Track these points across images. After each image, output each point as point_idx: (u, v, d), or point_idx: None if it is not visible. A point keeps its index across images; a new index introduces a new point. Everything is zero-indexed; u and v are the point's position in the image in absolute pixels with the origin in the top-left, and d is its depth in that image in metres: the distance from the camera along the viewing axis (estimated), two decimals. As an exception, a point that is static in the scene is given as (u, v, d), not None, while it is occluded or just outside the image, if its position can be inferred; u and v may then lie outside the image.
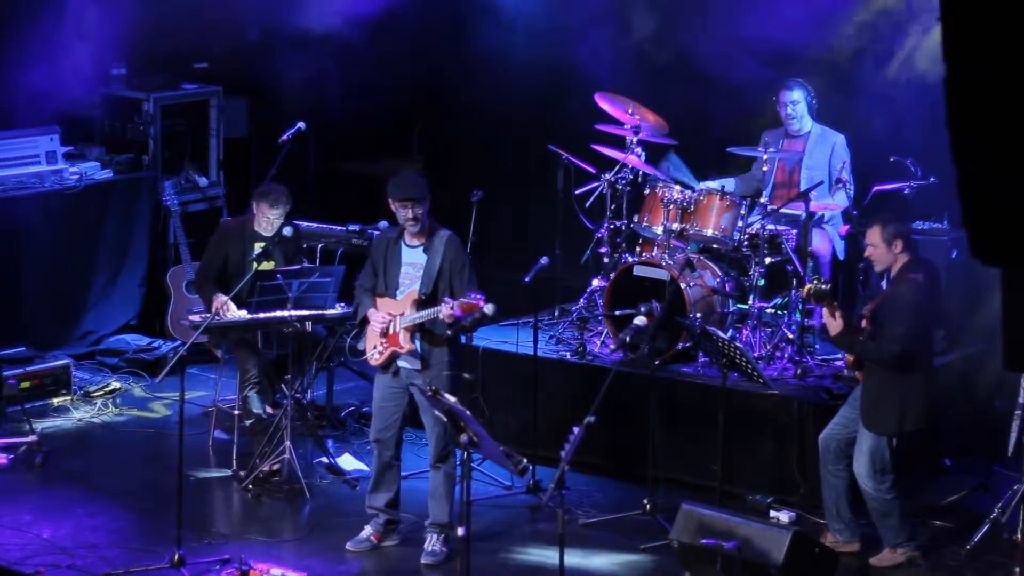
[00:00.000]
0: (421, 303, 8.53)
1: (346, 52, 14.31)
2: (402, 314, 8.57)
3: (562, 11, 12.51)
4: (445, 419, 7.51)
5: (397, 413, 8.74)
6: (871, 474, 8.48)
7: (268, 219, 9.74)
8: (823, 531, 8.84)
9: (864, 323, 8.39)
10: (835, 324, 8.39)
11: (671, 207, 10.23)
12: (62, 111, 11.76)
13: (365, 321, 8.73)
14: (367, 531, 8.84)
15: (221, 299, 9.39)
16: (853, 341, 8.41)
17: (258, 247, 9.62)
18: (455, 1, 13.13)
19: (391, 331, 8.61)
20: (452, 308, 8.32)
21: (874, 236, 8.49)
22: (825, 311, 8.43)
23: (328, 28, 13.95)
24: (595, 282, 10.70)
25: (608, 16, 12.30)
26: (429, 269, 8.56)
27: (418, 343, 8.57)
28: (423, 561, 8.62)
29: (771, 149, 10.38)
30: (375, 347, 8.69)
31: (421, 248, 8.61)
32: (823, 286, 8.35)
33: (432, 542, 8.66)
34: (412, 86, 14.27)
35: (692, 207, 10.21)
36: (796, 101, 10.55)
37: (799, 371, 9.83)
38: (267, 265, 9.61)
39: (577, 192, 10.95)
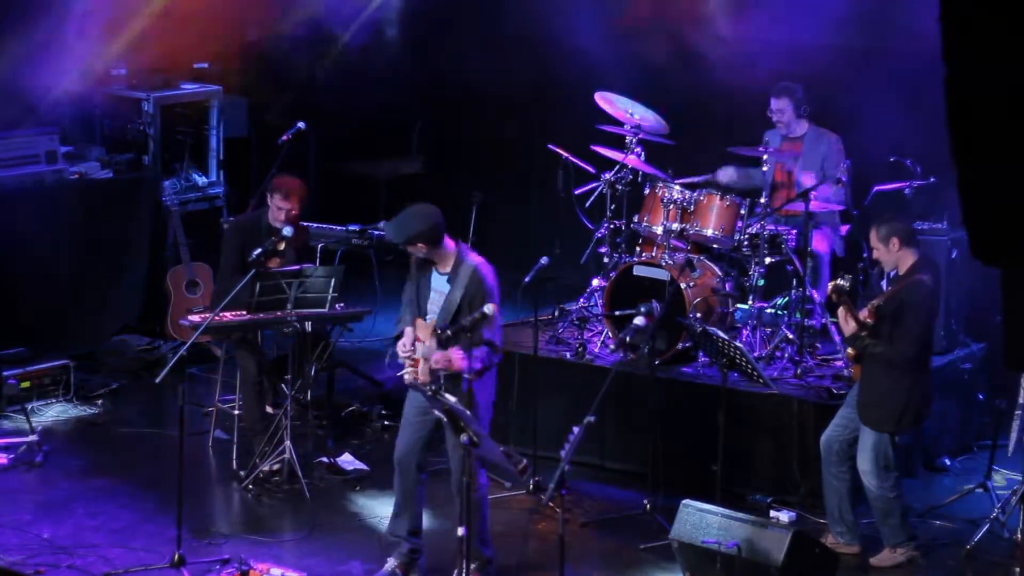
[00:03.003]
0: (443, 338, 8.02)
1: (346, 52, 14.32)
2: (425, 342, 8.19)
3: (563, 10, 12.51)
4: (445, 419, 7.50)
5: (421, 432, 8.27)
6: (875, 471, 8.48)
7: (282, 210, 9.74)
8: (824, 532, 8.84)
9: (867, 316, 8.39)
10: (848, 326, 8.39)
11: (671, 207, 10.23)
12: (62, 111, 11.75)
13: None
14: (391, 563, 8.42)
15: None
16: (868, 343, 8.39)
17: (272, 240, 9.62)
18: (455, 1, 13.14)
19: (414, 357, 8.24)
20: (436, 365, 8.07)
21: (872, 238, 8.57)
22: (841, 311, 8.42)
23: (328, 27, 13.96)
24: (595, 282, 10.70)
25: (609, 15, 12.31)
26: (449, 302, 8.13)
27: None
28: None
29: (771, 149, 10.38)
30: (408, 366, 8.30)
31: (446, 277, 8.18)
32: (844, 283, 8.32)
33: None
34: (412, 86, 14.27)
35: (692, 207, 10.22)
36: (782, 109, 10.56)
37: (799, 371, 9.83)
38: (275, 261, 9.62)
39: (577, 192, 10.95)
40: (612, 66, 12.26)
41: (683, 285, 9.89)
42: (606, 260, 10.70)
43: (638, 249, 10.58)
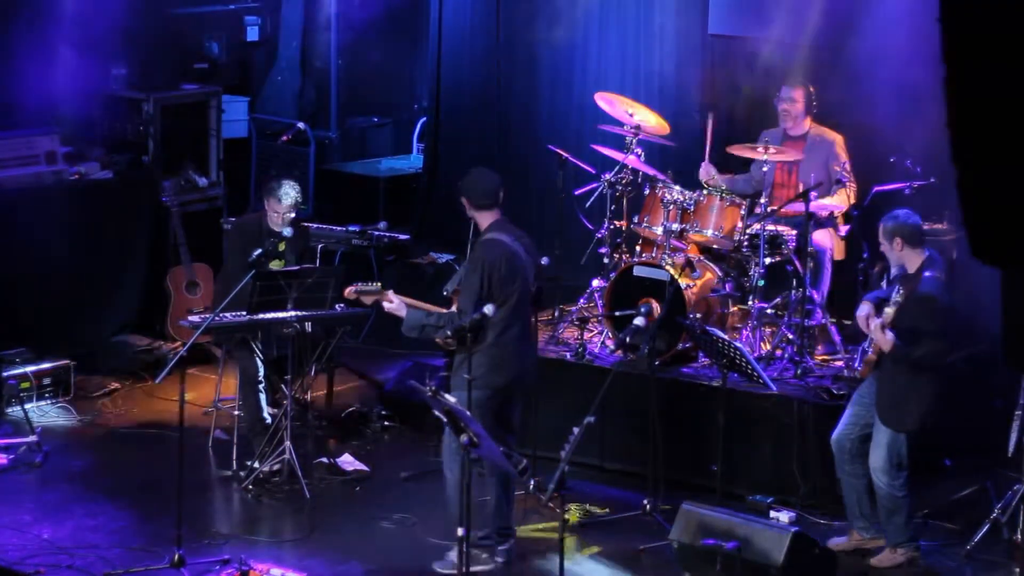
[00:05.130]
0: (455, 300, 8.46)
1: (346, 51, 14.32)
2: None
3: (563, 9, 12.51)
4: (445, 419, 7.50)
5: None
6: (887, 469, 8.48)
7: (279, 215, 9.75)
8: (849, 532, 8.82)
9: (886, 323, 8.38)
10: (887, 340, 8.34)
11: (671, 207, 10.23)
12: (62, 111, 11.75)
13: None
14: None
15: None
16: (909, 351, 8.33)
17: (272, 242, 9.64)
18: (455, 1, 13.13)
19: None
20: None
21: (879, 236, 8.53)
22: (876, 327, 8.35)
23: (329, 27, 13.97)
24: (595, 282, 10.70)
25: (610, 14, 12.31)
26: (462, 268, 8.53)
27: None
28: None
29: (771, 148, 10.35)
30: None
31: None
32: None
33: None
34: (411, 86, 14.27)
35: (692, 207, 10.22)
36: (795, 100, 10.55)
37: (799, 371, 9.83)
38: (277, 264, 9.61)
39: (577, 192, 10.95)
40: (612, 66, 12.28)
41: (683, 285, 9.89)
42: (606, 260, 10.70)
43: (638, 249, 10.57)
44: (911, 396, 8.42)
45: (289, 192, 9.77)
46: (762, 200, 10.28)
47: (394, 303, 8.45)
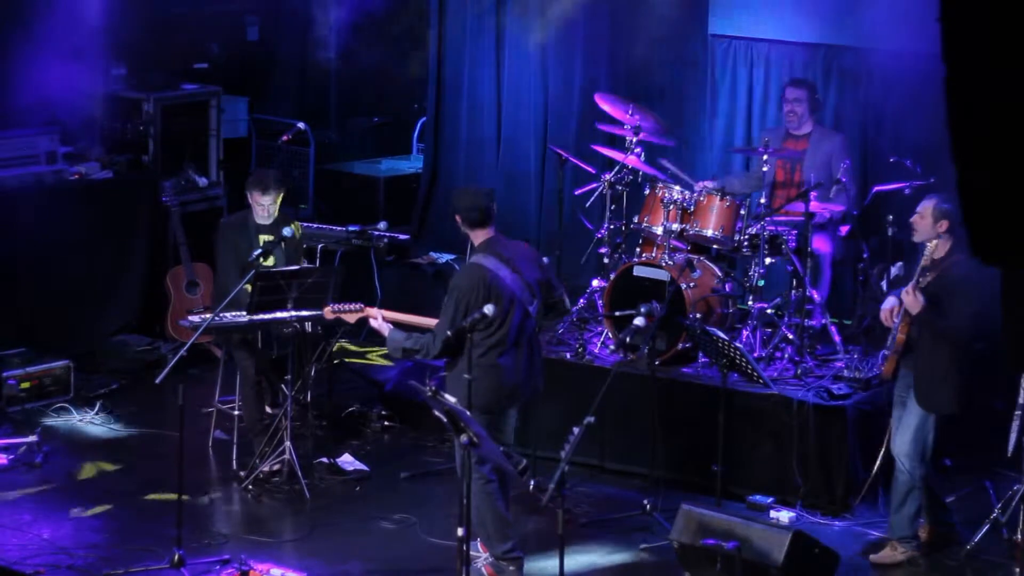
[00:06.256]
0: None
1: (346, 51, 14.31)
2: None
3: (563, 9, 12.51)
4: (445, 419, 7.50)
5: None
6: (911, 453, 8.49)
7: (263, 206, 9.74)
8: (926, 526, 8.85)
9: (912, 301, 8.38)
10: (917, 301, 8.34)
11: (671, 207, 10.23)
12: (62, 111, 11.75)
13: None
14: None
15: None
16: (935, 319, 8.36)
17: (263, 239, 9.63)
18: (455, 1, 13.13)
19: None
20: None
21: (926, 207, 8.50)
22: (909, 290, 8.32)
23: (329, 27, 13.96)
24: (595, 282, 10.70)
25: (610, 14, 12.31)
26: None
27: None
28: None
29: (771, 148, 10.36)
30: None
31: None
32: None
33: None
34: (411, 86, 14.26)
35: (692, 207, 10.22)
36: (800, 99, 10.56)
37: (799, 371, 9.83)
38: (269, 262, 9.61)
39: (577, 192, 10.95)
40: (612, 66, 12.28)
41: (683, 285, 9.89)
42: (606, 260, 10.70)
43: (638, 249, 10.57)
44: (952, 376, 8.42)
45: (270, 183, 9.76)
46: (762, 200, 10.28)
47: (378, 320, 8.42)
